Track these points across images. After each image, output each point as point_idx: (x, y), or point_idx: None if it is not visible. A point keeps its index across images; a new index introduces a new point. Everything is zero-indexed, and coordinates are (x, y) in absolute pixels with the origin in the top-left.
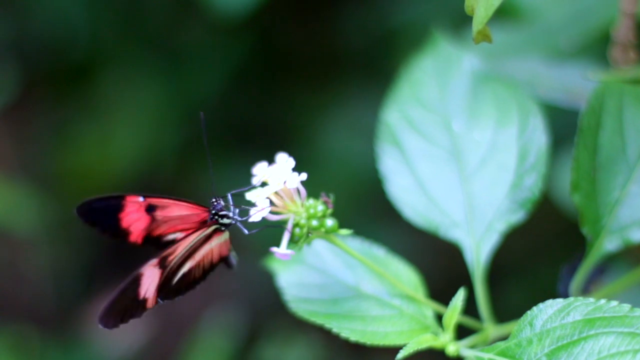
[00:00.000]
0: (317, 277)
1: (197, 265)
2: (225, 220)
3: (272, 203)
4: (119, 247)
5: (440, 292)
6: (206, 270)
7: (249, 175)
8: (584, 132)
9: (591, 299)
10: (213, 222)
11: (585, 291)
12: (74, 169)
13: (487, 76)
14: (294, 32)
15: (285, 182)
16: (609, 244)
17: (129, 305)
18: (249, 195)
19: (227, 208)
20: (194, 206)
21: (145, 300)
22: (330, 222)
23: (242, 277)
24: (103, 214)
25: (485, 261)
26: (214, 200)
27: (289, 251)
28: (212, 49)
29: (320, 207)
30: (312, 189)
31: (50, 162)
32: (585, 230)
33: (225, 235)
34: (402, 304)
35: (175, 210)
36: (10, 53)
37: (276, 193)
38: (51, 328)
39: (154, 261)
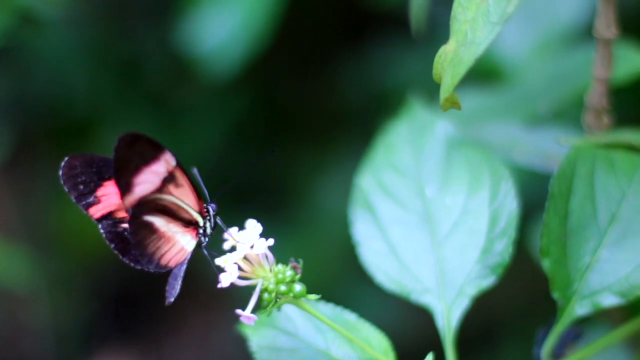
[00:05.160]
0: (288, 341)
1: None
2: (207, 226)
3: (240, 268)
4: (119, 303)
5: (411, 356)
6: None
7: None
8: (555, 198)
9: None
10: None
11: (560, 355)
12: (73, 226)
13: (461, 141)
14: (292, 89)
15: (252, 247)
16: (580, 309)
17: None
18: (218, 261)
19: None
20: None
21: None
22: (298, 287)
23: (241, 339)
24: (91, 173)
25: (455, 326)
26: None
27: (253, 315)
28: (210, 106)
29: (288, 272)
30: (307, 248)
31: (51, 218)
32: (556, 295)
33: (192, 244)
34: None
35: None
36: (11, 111)
37: (245, 258)
38: None
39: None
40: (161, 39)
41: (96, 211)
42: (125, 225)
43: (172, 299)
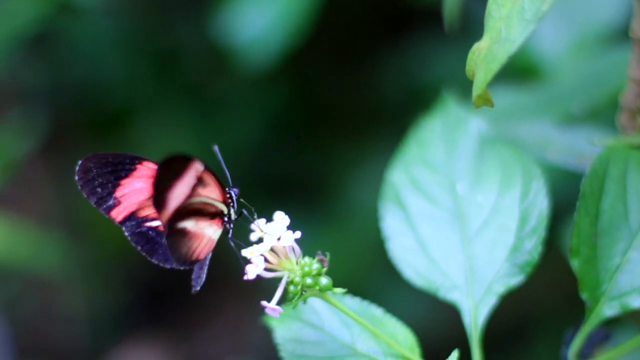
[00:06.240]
0: (313, 334)
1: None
2: (232, 212)
3: (266, 260)
4: (151, 292)
5: (438, 353)
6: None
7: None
8: (586, 197)
9: None
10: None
11: (588, 356)
12: None
13: (493, 139)
14: (329, 83)
15: (279, 240)
16: (609, 310)
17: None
18: (244, 252)
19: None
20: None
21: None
22: (324, 281)
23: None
24: (107, 173)
25: (482, 323)
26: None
27: (278, 307)
28: (248, 98)
29: (315, 265)
30: (340, 242)
31: (85, 205)
32: (585, 296)
33: (218, 233)
34: None
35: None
36: (49, 97)
37: (272, 250)
38: None
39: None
40: (199, 30)
41: (118, 213)
42: (149, 224)
43: (198, 288)
